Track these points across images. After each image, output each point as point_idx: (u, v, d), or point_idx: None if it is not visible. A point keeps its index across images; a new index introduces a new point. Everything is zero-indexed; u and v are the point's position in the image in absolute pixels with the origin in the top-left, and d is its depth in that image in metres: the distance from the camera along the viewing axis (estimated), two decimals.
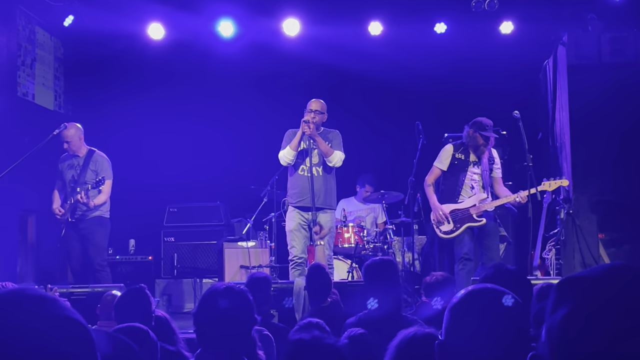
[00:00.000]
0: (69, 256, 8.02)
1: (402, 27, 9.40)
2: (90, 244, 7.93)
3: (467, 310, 1.86)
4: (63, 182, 8.07)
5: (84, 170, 8.00)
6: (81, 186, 7.89)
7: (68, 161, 8.07)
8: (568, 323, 1.25)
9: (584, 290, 1.27)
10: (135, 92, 9.94)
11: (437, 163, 7.94)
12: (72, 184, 7.98)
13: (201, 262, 9.60)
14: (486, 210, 7.71)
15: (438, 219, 7.74)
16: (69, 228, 7.91)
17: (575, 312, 1.25)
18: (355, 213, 9.91)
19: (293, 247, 7.69)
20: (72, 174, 8.02)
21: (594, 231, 8.38)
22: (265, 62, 9.98)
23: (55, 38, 9.90)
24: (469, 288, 1.92)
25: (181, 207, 9.91)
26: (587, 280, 1.28)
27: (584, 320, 1.23)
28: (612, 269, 1.30)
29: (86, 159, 8.04)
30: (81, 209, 7.85)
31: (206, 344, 3.01)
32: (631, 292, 1.24)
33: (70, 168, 8.05)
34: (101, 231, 8.01)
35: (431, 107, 10.04)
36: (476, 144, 7.72)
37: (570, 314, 1.25)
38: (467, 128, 7.80)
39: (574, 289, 1.28)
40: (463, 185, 7.80)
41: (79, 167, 8.03)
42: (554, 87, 9.27)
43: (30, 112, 9.18)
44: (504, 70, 9.38)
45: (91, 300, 6.53)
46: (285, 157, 7.75)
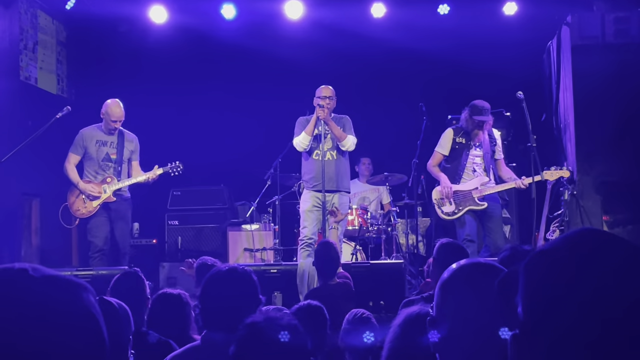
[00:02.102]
0: (103, 238, 7.93)
1: (405, 9, 9.37)
2: (126, 224, 8.02)
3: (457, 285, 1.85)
4: (90, 158, 7.96)
5: (121, 149, 7.98)
6: (120, 166, 7.90)
7: (97, 137, 7.98)
8: (537, 299, 1.25)
9: (551, 263, 1.26)
10: (137, 75, 9.93)
11: (439, 148, 8.06)
12: (107, 162, 7.94)
13: (205, 245, 9.62)
14: (489, 194, 7.75)
15: (443, 195, 7.81)
16: (103, 208, 7.90)
17: (542, 286, 1.24)
18: (360, 194, 9.93)
19: (305, 227, 7.73)
20: (105, 151, 7.95)
21: (598, 212, 8.36)
22: (268, 45, 9.94)
23: (57, 22, 9.88)
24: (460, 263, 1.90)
25: (185, 190, 9.91)
26: (553, 252, 1.28)
27: (552, 294, 1.23)
28: (574, 237, 1.29)
29: (120, 137, 8.01)
30: (119, 189, 7.89)
31: (211, 326, 3.01)
32: (596, 256, 1.23)
33: (103, 145, 7.97)
34: (131, 212, 8.13)
35: (435, 89, 10.01)
36: (474, 127, 7.82)
37: (538, 289, 1.25)
38: (464, 111, 7.88)
39: (540, 263, 1.27)
40: (465, 168, 7.89)
41: (114, 145, 7.98)
42: (558, 68, 9.23)
43: (33, 96, 9.17)
44: (507, 51, 9.34)
45: (95, 284, 6.56)
46: (301, 143, 7.78)
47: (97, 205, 7.87)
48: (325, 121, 7.69)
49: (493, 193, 7.81)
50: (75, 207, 7.93)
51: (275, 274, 7.46)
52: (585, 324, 1.19)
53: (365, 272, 7.16)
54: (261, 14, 9.53)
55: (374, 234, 9.22)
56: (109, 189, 7.87)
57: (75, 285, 1.26)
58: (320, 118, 7.66)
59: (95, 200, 7.86)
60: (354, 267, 7.45)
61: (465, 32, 9.43)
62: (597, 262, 1.22)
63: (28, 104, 8.94)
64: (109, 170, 7.94)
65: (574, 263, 1.23)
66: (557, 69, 9.24)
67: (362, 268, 7.35)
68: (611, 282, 1.20)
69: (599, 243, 1.26)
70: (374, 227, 9.23)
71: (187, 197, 9.91)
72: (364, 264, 7.73)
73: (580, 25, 8.68)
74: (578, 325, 1.19)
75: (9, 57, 8.68)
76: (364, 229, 9.09)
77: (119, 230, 7.97)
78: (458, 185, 7.85)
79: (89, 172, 7.98)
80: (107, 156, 7.96)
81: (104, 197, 7.87)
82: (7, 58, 8.65)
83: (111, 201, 7.90)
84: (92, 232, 7.93)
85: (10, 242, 8.52)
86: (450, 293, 1.85)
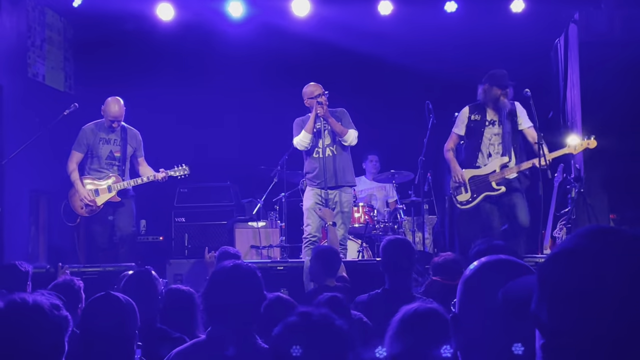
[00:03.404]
0: (107, 235, 7.96)
1: (412, 6, 9.36)
2: (130, 219, 8.01)
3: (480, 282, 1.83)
4: (96, 157, 7.93)
5: (125, 146, 7.97)
6: (124, 164, 7.91)
7: (100, 134, 7.95)
8: (567, 304, 1.23)
9: (576, 265, 1.24)
10: (144, 72, 9.94)
11: (454, 128, 7.73)
12: (111, 160, 7.94)
13: (212, 242, 9.61)
14: (506, 178, 7.34)
15: (457, 182, 7.56)
16: (107, 207, 7.91)
17: (571, 289, 1.22)
18: (367, 191, 9.93)
19: (308, 225, 7.72)
20: (109, 149, 7.93)
21: (605, 210, 8.35)
22: (274, 43, 9.95)
23: (65, 19, 9.91)
24: (482, 260, 1.88)
25: (192, 187, 9.92)
26: (576, 254, 1.25)
27: (582, 297, 1.20)
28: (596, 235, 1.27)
29: (123, 134, 7.99)
30: (123, 186, 7.90)
31: (216, 322, 3.03)
32: (625, 255, 1.21)
33: (107, 143, 7.95)
34: (135, 207, 8.14)
35: (441, 87, 9.99)
36: (495, 97, 7.40)
37: (567, 293, 1.23)
38: (481, 85, 7.55)
39: (565, 266, 1.25)
40: (480, 148, 7.51)
41: (118, 142, 7.96)
42: (565, 65, 9.21)
43: (41, 93, 9.20)
44: (515, 48, 9.32)
45: (103, 280, 6.58)
46: (302, 142, 7.77)
47: (101, 204, 7.88)
48: (325, 118, 7.68)
49: (511, 178, 7.35)
50: (78, 205, 7.93)
51: (281, 270, 7.47)
52: (618, 326, 1.17)
53: (371, 270, 7.15)
54: (268, 11, 9.54)
55: (380, 232, 9.21)
56: (115, 188, 7.87)
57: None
58: (320, 115, 7.65)
59: (99, 199, 7.87)
60: (360, 264, 7.45)
61: (473, 29, 9.41)
62: (627, 261, 1.20)
63: (35, 101, 8.97)
64: (112, 168, 7.92)
65: (601, 264, 1.20)
66: (565, 66, 9.22)
67: (368, 265, 7.34)
68: (629, 277, 1.18)
69: (624, 241, 1.23)
70: (380, 224, 9.22)
71: (194, 194, 9.92)
72: (371, 262, 7.73)
73: (588, 22, 8.67)
74: (611, 328, 1.17)
75: (16, 54, 8.71)
76: (370, 226, 9.09)
77: (121, 227, 7.96)
78: (475, 169, 7.51)
79: (92, 170, 7.96)
80: (111, 154, 7.95)
81: (108, 196, 7.87)
82: (15, 55, 8.68)
83: (116, 201, 7.91)
84: (95, 231, 7.95)
85: (18, 238, 8.55)
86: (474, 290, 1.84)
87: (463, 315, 1.84)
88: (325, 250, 5.95)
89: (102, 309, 3.14)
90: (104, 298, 3.18)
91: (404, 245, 5.00)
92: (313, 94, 7.75)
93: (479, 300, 1.82)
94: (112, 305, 3.13)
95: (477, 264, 1.88)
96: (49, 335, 2.27)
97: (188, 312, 4.32)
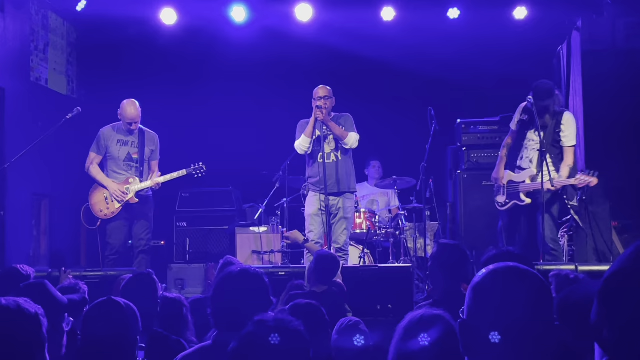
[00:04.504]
0: (122, 239, 7.99)
1: (415, 12, 9.36)
2: (147, 223, 8.03)
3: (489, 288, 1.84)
4: (114, 159, 7.97)
5: (142, 148, 7.99)
6: (142, 166, 7.92)
7: (118, 136, 8.00)
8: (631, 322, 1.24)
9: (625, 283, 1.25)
10: (147, 77, 9.94)
11: (511, 123, 7.68)
12: (129, 162, 7.96)
13: (213, 247, 9.62)
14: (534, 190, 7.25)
15: (495, 184, 7.61)
16: (125, 210, 7.92)
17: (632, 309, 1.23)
18: (369, 197, 9.93)
19: (311, 231, 7.73)
20: (126, 151, 7.97)
21: (607, 217, 8.34)
22: (277, 47, 9.96)
23: (68, 23, 9.91)
24: (491, 267, 1.90)
25: (193, 192, 9.92)
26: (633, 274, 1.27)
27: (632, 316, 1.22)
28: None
29: (140, 136, 8.02)
30: (141, 187, 7.91)
31: (222, 327, 3.02)
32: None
33: (124, 145, 7.99)
34: (153, 210, 8.15)
35: (444, 93, 10.01)
36: (538, 113, 7.22)
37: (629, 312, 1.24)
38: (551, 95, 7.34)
39: (626, 286, 1.26)
40: (522, 150, 7.47)
41: (135, 145, 7.99)
42: (568, 72, 9.23)
43: (44, 96, 9.20)
44: (517, 55, 9.34)
45: (104, 284, 6.58)
46: (301, 146, 7.78)
47: (120, 206, 7.90)
48: (324, 122, 7.68)
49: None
50: (97, 207, 7.95)
51: (283, 276, 7.45)
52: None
53: (373, 276, 7.14)
54: (271, 16, 9.54)
55: (382, 238, 9.21)
56: (132, 189, 7.89)
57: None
58: (319, 119, 7.65)
59: (119, 202, 7.89)
60: (361, 270, 7.44)
61: (475, 36, 9.42)
62: None
63: (38, 105, 8.97)
64: (131, 170, 7.96)
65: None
66: (567, 73, 9.23)
67: (370, 271, 7.34)
68: None
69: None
70: (382, 230, 9.23)
71: (195, 199, 9.92)
72: (372, 268, 7.72)
73: (590, 30, 8.68)
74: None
75: (19, 57, 8.71)
76: (372, 232, 9.09)
77: (138, 229, 8.00)
78: (514, 173, 7.46)
79: (111, 172, 8.00)
80: (129, 156, 7.98)
81: (127, 198, 7.89)
82: (18, 59, 8.68)
83: (134, 202, 7.92)
84: (111, 234, 7.96)
85: (20, 242, 8.54)
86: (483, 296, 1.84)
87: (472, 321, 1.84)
88: (325, 257, 5.94)
89: (103, 314, 3.15)
90: (106, 303, 3.19)
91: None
92: (314, 95, 7.77)
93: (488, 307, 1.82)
94: (114, 311, 3.14)
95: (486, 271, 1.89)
96: (21, 332, 2.27)
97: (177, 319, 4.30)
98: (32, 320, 2.26)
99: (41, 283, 3.47)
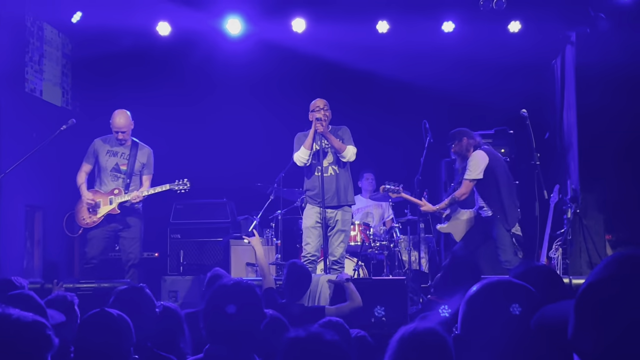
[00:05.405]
0: (100, 248, 7.91)
1: (410, 26, 9.39)
2: (133, 237, 7.93)
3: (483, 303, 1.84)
4: (101, 169, 7.93)
5: (132, 161, 7.94)
6: (130, 178, 7.88)
7: (109, 147, 7.96)
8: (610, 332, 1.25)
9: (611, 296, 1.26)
10: (142, 89, 9.94)
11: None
12: (116, 172, 7.91)
13: (207, 259, 9.60)
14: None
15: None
16: (108, 220, 7.86)
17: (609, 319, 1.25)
18: (363, 209, 9.92)
19: (307, 244, 7.72)
20: (115, 161, 7.92)
21: (600, 231, 8.37)
22: (272, 60, 9.99)
23: (63, 34, 9.92)
24: (485, 281, 1.90)
25: (187, 203, 9.90)
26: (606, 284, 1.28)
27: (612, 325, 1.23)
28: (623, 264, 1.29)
29: (133, 149, 7.98)
30: (124, 199, 7.83)
31: (215, 340, 3.01)
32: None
33: (113, 155, 7.94)
34: (142, 224, 8.07)
35: (438, 106, 10.02)
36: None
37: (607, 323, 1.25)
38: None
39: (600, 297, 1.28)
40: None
41: (125, 156, 7.94)
42: (562, 86, 9.26)
43: (38, 108, 9.19)
44: (511, 69, 9.37)
45: (97, 296, 6.54)
46: (301, 158, 7.77)
47: (102, 216, 7.86)
48: (324, 135, 7.69)
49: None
50: (80, 216, 7.92)
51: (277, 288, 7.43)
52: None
53: (367, 288, 7.13)
54: (266, 29, 9.56)
55: (376, 250, 9.20)
56: (115, 200, 7.85)
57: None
58: (319, 132, 7.66)
59: (100, 211, 7.85)
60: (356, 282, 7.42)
61: (470, 49, 9.46)
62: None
63: (33, 116, 8.96)
64: (117, 181, 7.91)
65: (632, 289, 1.24)
66: (561, 87, 9.27)
67: (364, 284, 7.32)
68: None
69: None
70: (376, 243, 9.21)
71: (189, 211, 9.90)
72: (366, 280, 7.71)
73: (584, 44, 8.71)
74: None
75: (14, 69, 8.71)
76: (366, 244, 9.08)
77: (125, 242, 7.93)
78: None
79: (98, 182, 7.97)
80: (117, 167, 7.94)
81: (108, 208, 7.85)
82: (13, 70, 8.68)
83: (115, 213, 7.88)
84: (88, 242, 7.92)
85: (13, 253, 8.51)
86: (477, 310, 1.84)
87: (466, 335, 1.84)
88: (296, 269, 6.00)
89: (96, 326, 3.14)
90: (99, 315, 3.18)
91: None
92: (312, 107, 7.78)
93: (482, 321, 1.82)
94: (107, 322, 3.13)
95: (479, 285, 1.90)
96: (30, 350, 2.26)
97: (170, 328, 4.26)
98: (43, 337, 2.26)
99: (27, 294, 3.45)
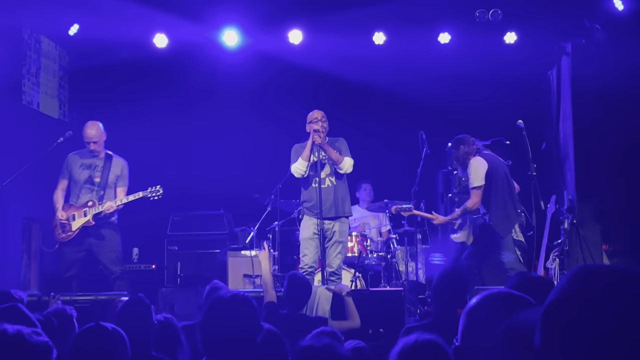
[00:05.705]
0: (71, 262, 7.87)
1: (406, 37, 9.41)
2: (111, 248, 7.87)
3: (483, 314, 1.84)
4: (75, 181, 7.90)
5: (106, 173, 7.91)
6: (104, 190, 7.85)
7: (82, 160, 7.94)
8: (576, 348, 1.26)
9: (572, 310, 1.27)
10: (139, 101, 9.96)
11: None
12: (90, 185, 7.87)
13: (205, 270, 9.58)
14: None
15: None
16: (83, 233, 7.81)
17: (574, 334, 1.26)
18: (360, 220, 9.92)
19: (305, 255, 7.72)
20: (88, 174, 7.89)
21: (597, 241, 8.36)
22: (269, 72, 10.01)
23: (60, 47, 9.93)
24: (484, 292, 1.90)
25: (185, 215, 9.90)
26: (568, 299, 1.29)
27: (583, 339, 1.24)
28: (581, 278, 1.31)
29: (107, 162, 7.94)
30: (99, 213, 7.77)
31: (211, 352, 3.01)
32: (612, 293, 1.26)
33: (87, 168, 7.91)
34: (118, 236, 8.00)
35: (435, 117, 10.05)
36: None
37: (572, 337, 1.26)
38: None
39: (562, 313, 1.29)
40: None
41: (99, 169, 7.90)
42: (558, 97, 9.28)
43: (35, 120, 9.20)
44: (508, 80, 9.39)
45: (95, 308, 6.54)
46: (298, 170, 7.77)
47: (77, 229, 7.82)
48: (321, 146, 7.70)
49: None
50: (56, 230, 7.88)
51: None
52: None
53: (364, 299, 7.12)
54: (263, 40, 9.58)
55: (373, 261, 9.19)
56: (90, 212, 7.81)
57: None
58: (317, 143, 7.66)
59: (74, 224, 7.80)
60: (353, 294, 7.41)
61: (466, 60, 9.48)
62: (617, 299, 1.25)
63: (30, 129, 8.95)
64: (91, 193, 7.85)
65: (596, 303, 1.25)
66: (557, 98, 9.28)
67: (361, 295, 7.32)
68: (632, 314, 1.22)
69: (615, 280, 1.27)
70: (373, 254, 9.21)
71: (187, 223, 9.90)
72: (364, 291, 7.70)
73: (580, 55, 8.73)
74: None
75: (11, 81, 8.71)
76: (363, 255, 9.07)
77: (102, 255, 7.86)
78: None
79: (72, 195, 7.93)
80: (90, 179, 7.89)
81: (83, 221, 7.80)
82: (10, 82, 8.68)
83: (90, 225, 7.80)
84: (60, 257, 7.88)
85: (10, 266, 8.50)
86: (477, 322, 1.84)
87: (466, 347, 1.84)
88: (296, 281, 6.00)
89: (91, 340, 3.14)
90: (93, 329, 3.18)
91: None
92: (309, 119, 7.79)
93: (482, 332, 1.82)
94: (102, 336, 3.14)
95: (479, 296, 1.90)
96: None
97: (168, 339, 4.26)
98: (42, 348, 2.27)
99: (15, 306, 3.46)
